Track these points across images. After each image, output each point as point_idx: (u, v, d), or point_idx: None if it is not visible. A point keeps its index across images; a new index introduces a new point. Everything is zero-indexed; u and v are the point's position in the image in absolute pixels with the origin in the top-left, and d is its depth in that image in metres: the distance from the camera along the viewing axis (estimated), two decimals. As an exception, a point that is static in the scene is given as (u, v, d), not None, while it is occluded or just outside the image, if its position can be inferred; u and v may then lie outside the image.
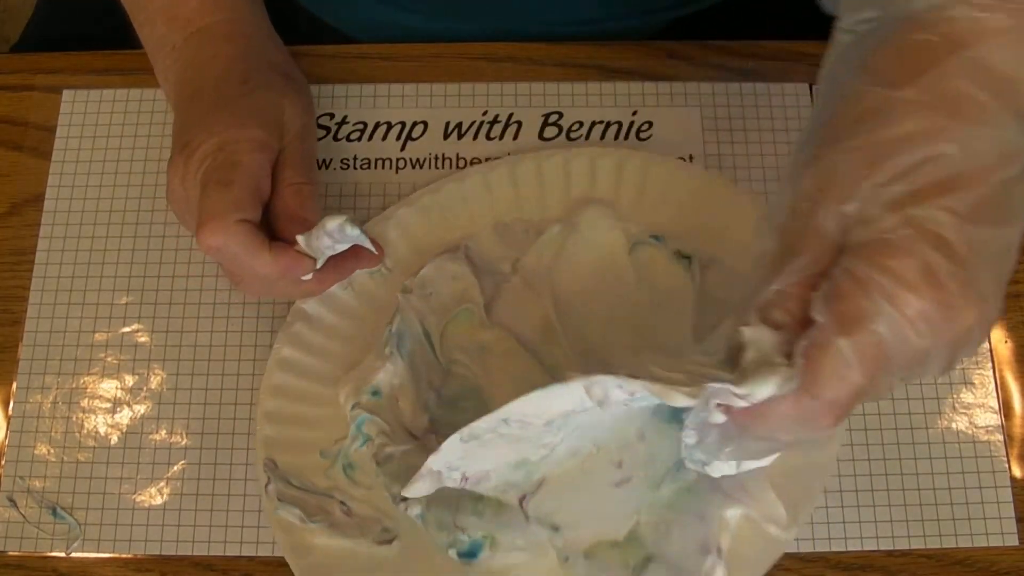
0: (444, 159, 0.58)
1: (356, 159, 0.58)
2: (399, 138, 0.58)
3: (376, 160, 0.58)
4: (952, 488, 0.51)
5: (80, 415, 0.53)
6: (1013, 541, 0.50)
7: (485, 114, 0.59)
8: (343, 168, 0.57)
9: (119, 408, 0.53)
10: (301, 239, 0.47)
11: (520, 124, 0.58)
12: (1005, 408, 0.52)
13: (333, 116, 0.59)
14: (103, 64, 0.60)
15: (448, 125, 0.59)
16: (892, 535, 0.50)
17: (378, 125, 0.59)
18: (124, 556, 0.50)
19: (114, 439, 0.52)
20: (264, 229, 0.48)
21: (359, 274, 0.53)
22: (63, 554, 0.50)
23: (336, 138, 0.58)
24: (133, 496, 0.51)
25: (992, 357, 0.53)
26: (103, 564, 0.50)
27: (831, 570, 0.49)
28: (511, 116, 0.59)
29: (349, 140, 0.58)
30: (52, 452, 0.52)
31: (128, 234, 0.56)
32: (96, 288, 0.55)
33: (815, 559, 0.50)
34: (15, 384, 0.53)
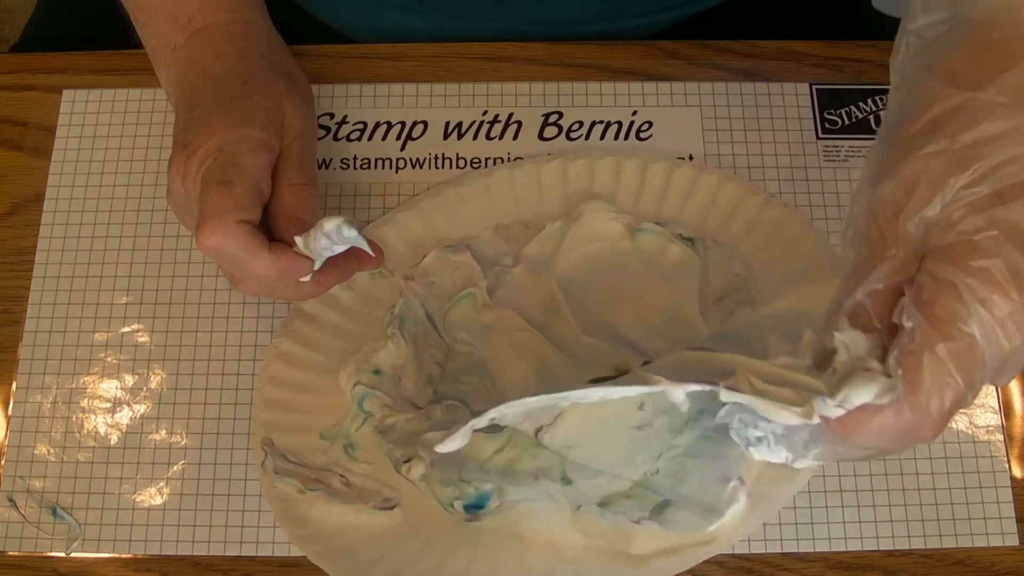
0: (444, 159, 0.58)
1: (356, 159, 0.58)
2: (399, 138, 0.58)
3: (376, 160, 0.58)
4: (952, 488, 0.51)
5: (80, 415, 0.53)
6: (1013, 541, 0.50)
7: (485, 114, 0.59)
8: (343, 168, 0.57)
9: (119, 408, 0.53)
10: (299, 240, 0.47)
11: (520, 124, 0.58)
12: (1005, 408, 0.53)
13: (333, 116, 0.59)
14: (103, 64, 0.60)
15: (448, 125, 0.59)
16: (892, 535, 0.50)
17: (378, 125, 0.59)
18: (124, 556, 0.50)
19: (114, 439, 0.52)
20: (263, 230, 0.48)
21: (359, 276, 0.53)
22: (63, 554, 0.50)
23: (336, 138, 0.58)
24: (133, 496, 0.51)
25: (992, 357, 0.53)
26: (103, 564, 0.50)
27: (831, 570, 0.49)
28: (511, 116, 0.59)
29: (349, 140, 0.58)
30: (52, 452, 0.52)
31: (128, 234, 0.56)
32: (96, 288, 0.55)
33: (815, 559, 0.50)
34: (15, 384, 0.53)
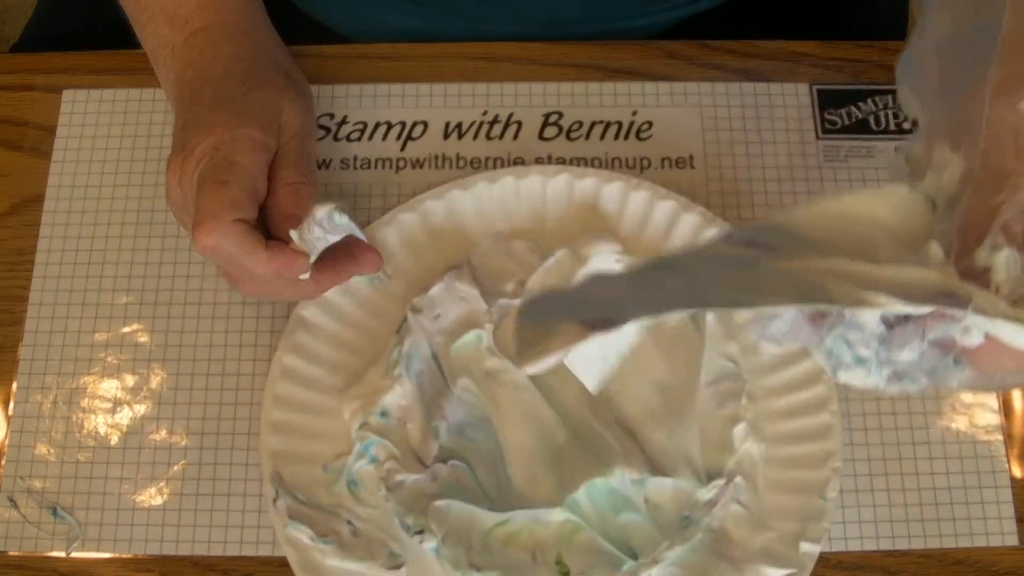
0: (444, 159, 0.58)
1: (356, 159, 0.58)
2: (399, 138, 0.58)
3: (376, 160, 0.58)
4: (952, 488, 0.51)
5: (80, 415, 0.53)
6: (1013, 541, 0.50)
7: (485, 114, 0.59)
8: (343, 168, 0.57)
9: (119, 408, 0.53)
10: (295, 235, 0.47)
11: (520, 124, 0.58)
12: (1005, 408, 0.53)
13: (333, 116, 0.59)
14: (103, 64, 0.60)
15: (448, 125, 0.59)
16: (892, 535, 0.50)
17: (378, 125, 0.59)
18: (124, 556, 0.50)
19: (114, 439, 0.52)
20: (260, 229, 0.48)
21: (359, 281, 0.53)
22: (63, 554, 0.50)
23: (336, 138, 0.58)
24: (133, 496, 0.51)
25: (992, 357, 0.53)
26: (103, 564, 0.50)
27: (831, 570, 0.49)
28: (511, 116, 0.59)
29: (349, 140, 0.58)
30: (52, 452, 0.52)
31: (128, 234, 0.56)
32: (96, 288, 0.55)
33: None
34: (15, 384, 0.53)
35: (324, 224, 0.47)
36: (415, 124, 0.59)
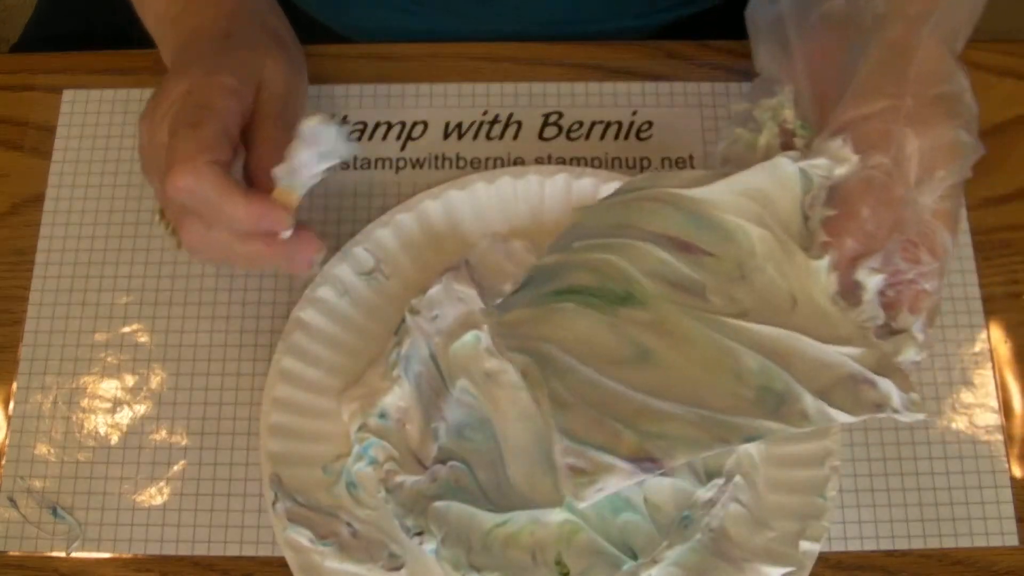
0: (444, 159, 0.58)
1: (356, 159, 0.58)
2: (399, 138, 0.58)
3: (376, 160, 0.58)
4: (952, 488, 0.51)
5: (80, 415, 0.53)
6: (1013, 541, 0.50)
7: (485, 114, 0.59)
8: (343, 168, 0.57)
9: (119, 408, 0.53)
10: (279, 171, 0.44)
11: (520, 124, 0.58)
12: (1005, 408, 0.52)
13: (333, 116, 0.59)
14: (103, 64, 0.60)
15: (448, 125, 0.59)
16: (892, 535, 0.50)
17: (378, 125, 0.59)
18: (124, 556, 0.50)
19: (114, 439, 0.52)
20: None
21: (356, 282, 0.53)
22: (63, 554, 0.50)
23: (336, 138, 0.58)
24: (133, 496, 0.51)
25: (992, 357, 0.53)
26: (103, 564, 0.50)
27: (831, 570, 0.49)
28: (511, 116, 0.59)
29: (349, 140, 0.58)
30: (52, 452, 0.52)
31: (128, 234, 0.56)
32: (96, 288, 0.55)
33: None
34: (15, 384, 0.53)
35: (311, 140, 0.44)
36: (415, 124, 0.59)
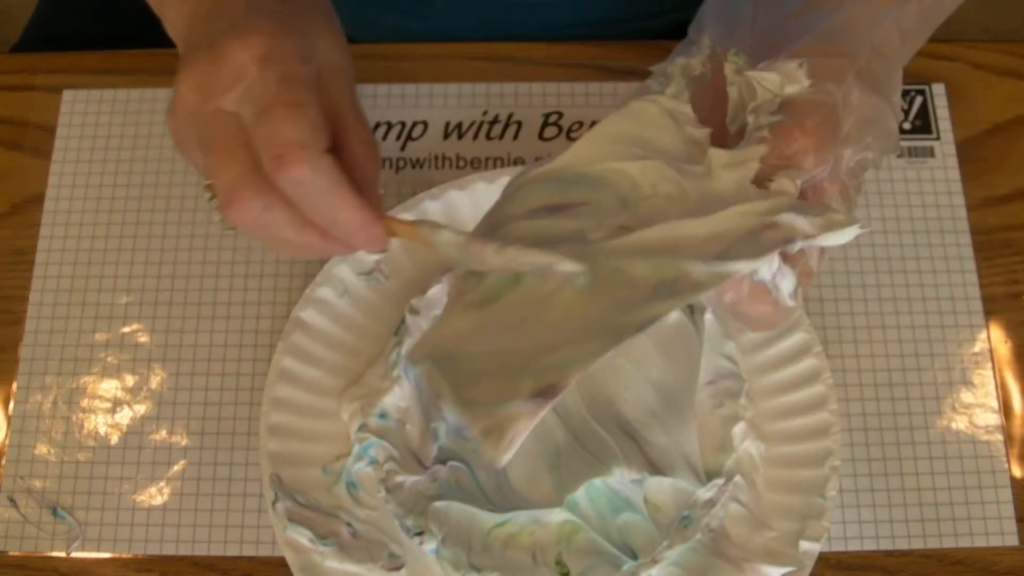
0: (444, 159, 0.58)
1: (356, 159, 0.58)
2: (399, 138, 0.58)
3: (376, 160, 0.58)
4: (952, 488, 0.51)
5: (80, 415, 0.53)
6: (1013, 541, 0.50)
7: (485, 114, 0.59)
8: (343, 168, 0.57)
9: (119, 408, 0.53)
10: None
11: (520, 124, 0.58)
12: (1005, 408, 0.52)
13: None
14: (103, 64, 0.60)
15: (448, 125, 0.59)
16: (892, 535, 0.50)
17: (378, 125, 0.59)
18: (124, 556, 0.50)
19: (114, 439, 0.52)
20: None
21: (356, 282, 0.53)
22: (63, 554, 0.50)
23: (336, 138, 0.58)
24: (133, 496, 0.51)
25: (992, 357, 0.53)
26: (103, 564, 0.50)
27: (831, 570, 0.49)
28: (511, 116, 0.59)
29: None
30: (52, 452, 0.52)
31: (128, 234, 0.56)
32: (96, 288, 0.55)
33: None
34: (15, 384, 0.53)
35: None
36: (415, 124, 0.59)
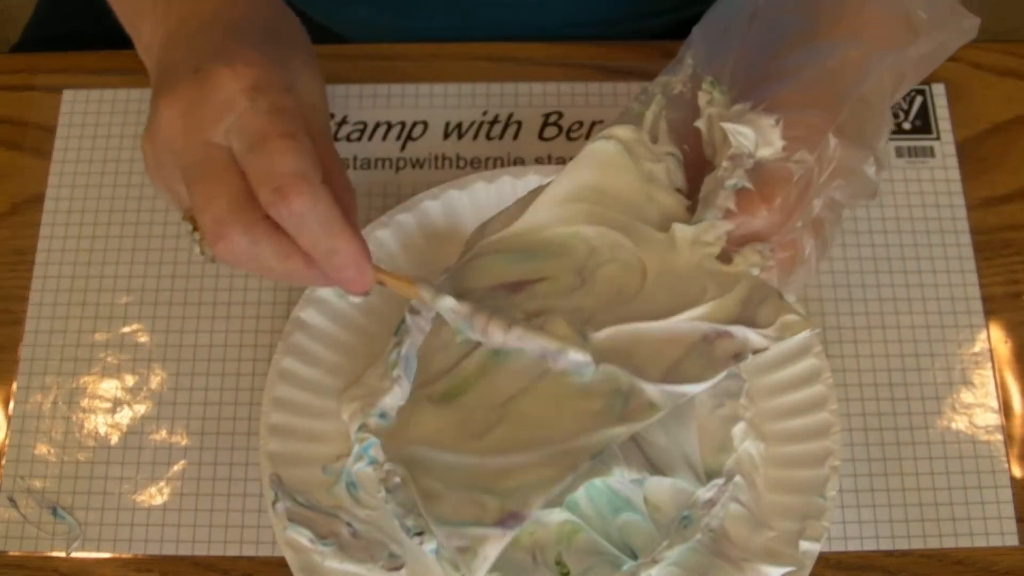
0: (444, 159, 0.58)
1: (356, 159, 0.58)
2: (399, 138, 0.58)
3: (376, 160, 0.58)
4: (952, 488, 0.51)
5: (80, 415, 0.53)
6: (1013, 541, 0.50)
7: (485, 114, 0.59)
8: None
9: (119, 408, 0.53)
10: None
11: (520, 124, 0.58)
12: (1005, 408, 0.52)
13: (333, 116, 0.59)
14: (103, 64, 0.60)
15: (448, 125, 0.59)
16: (892, 535, 0.50)
17: (378, 125, 0.59)
18: (124, 556, 0.50)
19: (114, 439, 0.52)
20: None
21: None
22: (63, 554, 0.50)
23: (336, 138, 0.58)
24: (133, 496, 0.51)
25: (992, 357, 0.53)
26: (103, 564, 0.50)
27: (831, 570, 0.49)
28: (511, 116, 0.59)
29: (349, 140, 0.58)
30: (52, 452, 0.52)
31: (128, 234, 0.56)
32: (96, 288, 0.55)
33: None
34: (15, 384, 0.53)
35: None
36: (415, 124, 0.59)
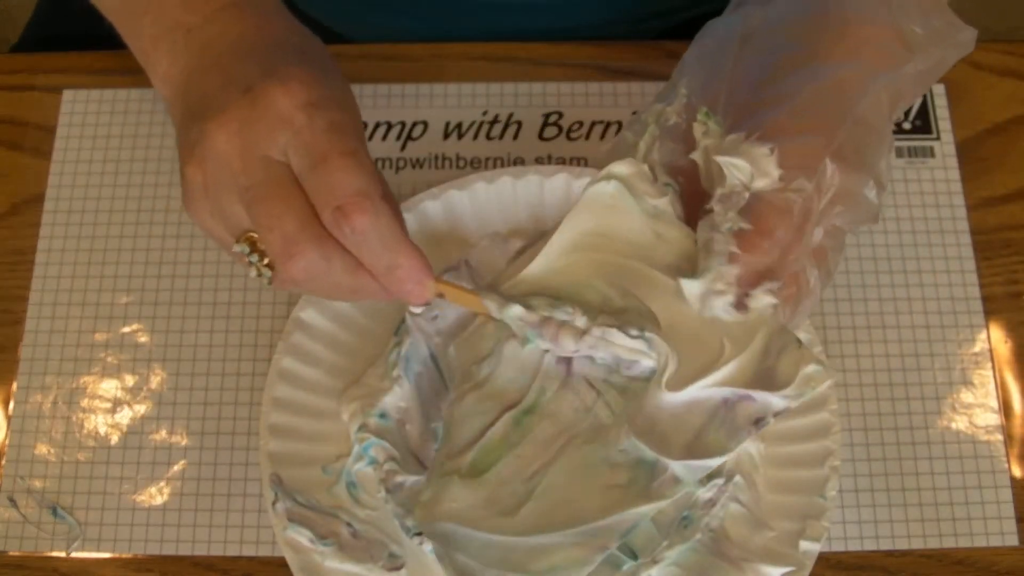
0: (444, 159, 0.58)
1: (356, 159, 0.58)
2: (399, 138, 0.58)
3: (376, 160, 0.58)
4: (952, 488, 0.51)
5: (80, 415, 0.53)
6: (1013, 541, 0.50)
7: (485, 114, 0.59)
8: (343, 168, 0.57)
9: (119, 408, 0.53)
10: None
11: (520, 124, 0.59)
12: (1005, 408, 0.53)
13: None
14: (103, 64, 0.61)
15: (448, 125, 0.59)
16: (892, 535, 0.50)
17: (378, 125, 0.59)
18: (124, 556, 0.50)
19: (114, 439, 0.52)
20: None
21: None
22: (63, 554, 0.50)
23: (336, 138, 0.58)
24: (133, 496, 0.51)
25: (992, 357, 0.53)
26: (103, 564, 0.50)
27: (831, 570, 0.49)
28: (511, 116, 0.59)
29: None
30: (52, 452, 0.52)
31: (128, 234, 0.56)
32: (96, 288, 0.55)
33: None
34: (15, 384, 0.53)
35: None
36: (415, 124, 0.59)
